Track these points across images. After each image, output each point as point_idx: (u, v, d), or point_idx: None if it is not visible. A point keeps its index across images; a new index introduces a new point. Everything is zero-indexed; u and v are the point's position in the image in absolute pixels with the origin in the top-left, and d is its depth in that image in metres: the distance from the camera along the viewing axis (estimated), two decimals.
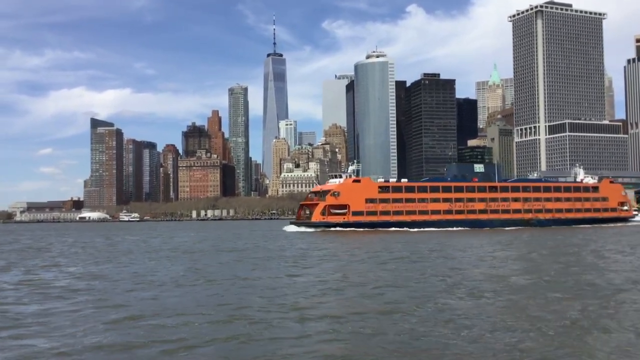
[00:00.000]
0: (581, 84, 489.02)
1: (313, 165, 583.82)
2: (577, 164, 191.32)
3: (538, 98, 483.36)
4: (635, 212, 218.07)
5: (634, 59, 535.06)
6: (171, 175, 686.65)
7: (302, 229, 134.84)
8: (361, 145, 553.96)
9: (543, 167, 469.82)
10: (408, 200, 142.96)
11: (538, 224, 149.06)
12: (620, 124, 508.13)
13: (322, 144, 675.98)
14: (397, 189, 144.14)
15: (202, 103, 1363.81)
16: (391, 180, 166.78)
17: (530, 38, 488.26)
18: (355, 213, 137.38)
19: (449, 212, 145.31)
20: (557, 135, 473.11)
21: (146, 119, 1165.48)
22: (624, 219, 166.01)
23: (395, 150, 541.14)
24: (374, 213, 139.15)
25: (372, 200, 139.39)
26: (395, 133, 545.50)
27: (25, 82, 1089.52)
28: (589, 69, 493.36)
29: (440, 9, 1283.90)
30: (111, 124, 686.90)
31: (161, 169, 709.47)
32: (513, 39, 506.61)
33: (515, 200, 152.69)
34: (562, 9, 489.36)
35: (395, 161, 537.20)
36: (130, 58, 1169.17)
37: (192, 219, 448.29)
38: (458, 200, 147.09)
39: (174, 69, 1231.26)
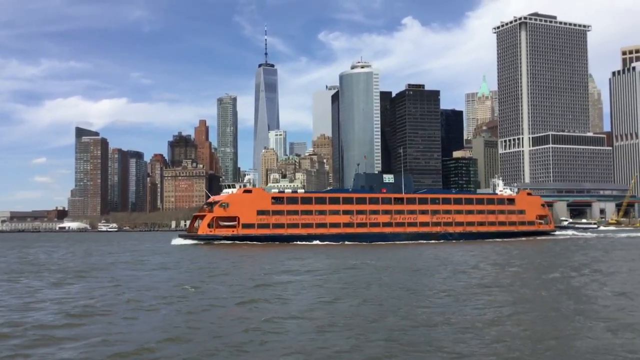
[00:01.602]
0: (565, 96, 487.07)
1: (300, 176, 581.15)
2: (497, 175, 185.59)
3: (522, 110, 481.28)
4: (582, 224, 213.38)
5: (618, 71, 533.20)
6: (158, 185, 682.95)
7: (189, 241, 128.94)
8: (345, 156, 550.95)
9: (527, 179, 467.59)
10: (304, 212, 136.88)
11: (447, 238, 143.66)
12: (605, 136, 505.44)
13: (309, 155, 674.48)
14: (292, 200, 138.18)
15: (198, 113, 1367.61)
16: (300, 190, 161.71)
17: (514, 50, 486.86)
18: (245, 226, 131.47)
19: (349, 225, 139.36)
20: (540, 147, 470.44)
21: (143, 129, 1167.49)
22: (543, 233, 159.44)
23: (380, 162, 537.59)
24: (266, 226, 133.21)
25: (264, 212, 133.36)
26: (379, 144, 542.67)
27: (21, 91, 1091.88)
28: (573, 81, 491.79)
29: (436, 21, 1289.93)
30: (96, 133, 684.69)
31: (148, 178, 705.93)
32: (497, 50, 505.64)
33: (423, 212, 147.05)
34: (546, 21, 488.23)
35: (380, 172, 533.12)
36: (127, 68, 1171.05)
37: (171, 229, 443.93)
38: (360, 212, 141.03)
39: (170, 79, 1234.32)
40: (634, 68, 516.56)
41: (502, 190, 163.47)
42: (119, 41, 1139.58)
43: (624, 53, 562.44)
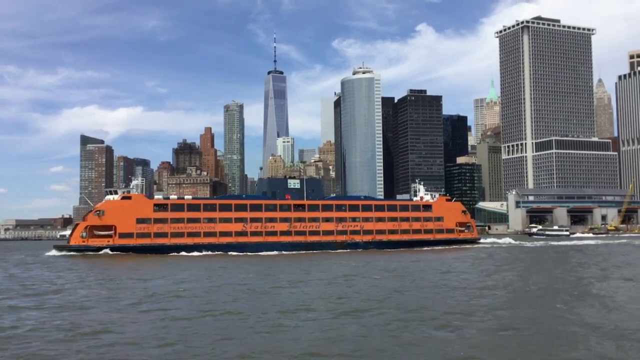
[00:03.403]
0: (569, 101, 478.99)
1: None
2: (417, 180, 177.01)
3: (525, 115, 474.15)
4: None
5: (625, 75, 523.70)
6: (164, 192, 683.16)
7: (64, 252, 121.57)
8: (347, 163, 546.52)
9: (530, 185, 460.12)
10: (191, 220, 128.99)
11: (354, 247, 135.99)
12: (610, 141, 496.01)
13: (314, 161, 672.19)
14: (177, 207, 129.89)
15: (213, 121, 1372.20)
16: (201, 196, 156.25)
17: (517, 54, 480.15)
18: (122, 235, 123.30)
19: (242, 233, 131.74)
20: (543, 152, 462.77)
21: (158, 137, 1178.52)
22: (464, 242, 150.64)
23: (382, 168, 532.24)
24: (146, 235, 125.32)
25: (144, 221, 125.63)
26: (381, 150, 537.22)
27: (38, 100, 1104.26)
28: (577, 86, 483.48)
29: (450, 27, 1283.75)
30: (101, 141, 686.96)
31: (155, 186, 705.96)
32: (500, 55, 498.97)
33: (327, 220, 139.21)
34: (549, 25, 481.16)
35: (382, 179, 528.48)
36: (143, 77, 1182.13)
37: None
38: (255, 220, 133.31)
39: (185, 87, 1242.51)
40: None
41: (423, 196, 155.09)
42: (135, 50, 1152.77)
43: (631, 57, 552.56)
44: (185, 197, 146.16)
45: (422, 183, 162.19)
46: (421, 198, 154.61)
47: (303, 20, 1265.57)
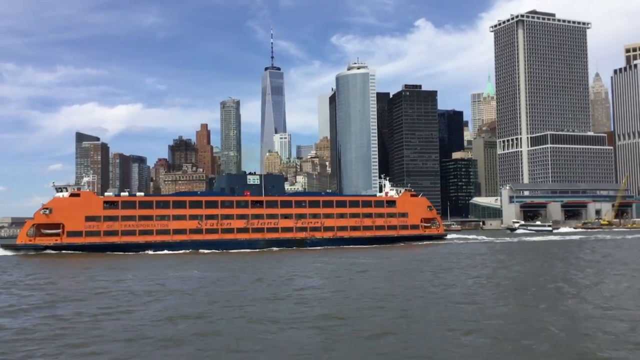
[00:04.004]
0: (565, 95, 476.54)
1: (301, 179, 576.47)
2: (383, 175, 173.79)
3: (520, 109, 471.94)
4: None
5: (620, 69, 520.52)
6: (162, 189, 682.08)
7: (8, 252, 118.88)
8: (343, 158, 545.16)
9: (525, 179, 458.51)
10: (143, 218, 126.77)
11: (314, 244, 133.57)
12: (605, 135, 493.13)
13: (311, 157, 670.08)
14: (128, 205, 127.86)
15: (211, 117, 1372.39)
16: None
17: (512, 48, 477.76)
18: (71, 234, 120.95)
19: (197, 231, 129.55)
20: (539, 147, 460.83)
21: (158, 134, 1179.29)
22: (429, 238, 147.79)
23: (377, 163, 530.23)
24: (96, 234, 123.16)
25: (94, 218, 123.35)
26: (376, 145, 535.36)
27: (37, 98, 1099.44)
28: (572, 80, 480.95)
29: (449, 23, 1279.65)
30: (97, 138, 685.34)
31: (152, 183, 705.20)
32: (495, 49, 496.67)
33: (286, 217, 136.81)
34: (544, 19, 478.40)
35: (377, 174, 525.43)
36: (142, 74, 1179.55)
37: None
38: (210, 217, 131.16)
39: (184, 84, 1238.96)
40: (636, 65, 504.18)
41: (390, 191, 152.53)
42: (134, 47, 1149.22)
43: (627, 50, 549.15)
44: (137, 194, 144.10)
45: (387, 178, 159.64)
46: (386, 194, 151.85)
47: (302, 16, 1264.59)
